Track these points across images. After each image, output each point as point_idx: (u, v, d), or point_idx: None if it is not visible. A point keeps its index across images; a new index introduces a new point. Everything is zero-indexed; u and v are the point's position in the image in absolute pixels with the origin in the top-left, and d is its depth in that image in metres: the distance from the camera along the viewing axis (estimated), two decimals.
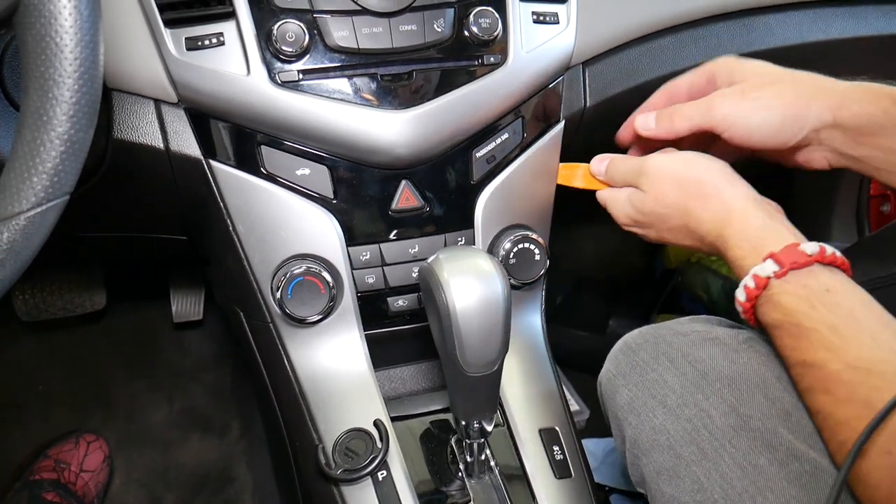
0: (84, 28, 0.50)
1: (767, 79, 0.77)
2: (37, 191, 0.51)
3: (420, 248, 0.82)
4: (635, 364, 0.77)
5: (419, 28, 0.76)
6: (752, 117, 0.75)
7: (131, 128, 0.75)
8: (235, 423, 1.51)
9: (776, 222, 0.71)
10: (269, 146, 0.76)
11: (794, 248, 0.66)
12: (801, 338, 0.63)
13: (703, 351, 0.73)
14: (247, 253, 0.79)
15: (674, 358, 0.74)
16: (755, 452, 0.65)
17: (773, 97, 0.75)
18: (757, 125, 0.75)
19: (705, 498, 0.67)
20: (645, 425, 0.73)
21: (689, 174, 0.76)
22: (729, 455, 0.67)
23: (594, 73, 0.89)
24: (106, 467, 1.39)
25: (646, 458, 0.73)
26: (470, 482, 0.79)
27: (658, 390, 0.73)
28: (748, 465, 0.65)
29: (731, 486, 0.65)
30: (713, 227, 0.73)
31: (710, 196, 0.74)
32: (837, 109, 0.73)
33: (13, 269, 0.52)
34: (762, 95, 0.75)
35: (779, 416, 0.66)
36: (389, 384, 0.91)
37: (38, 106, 0.50)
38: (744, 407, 0.67)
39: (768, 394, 0.68)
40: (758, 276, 0.66)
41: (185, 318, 1.56)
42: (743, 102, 0.76)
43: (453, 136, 0.79)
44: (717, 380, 0.70)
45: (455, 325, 0.65)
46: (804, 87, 0.75)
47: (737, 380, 0.69)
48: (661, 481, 0.71)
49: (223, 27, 0.72)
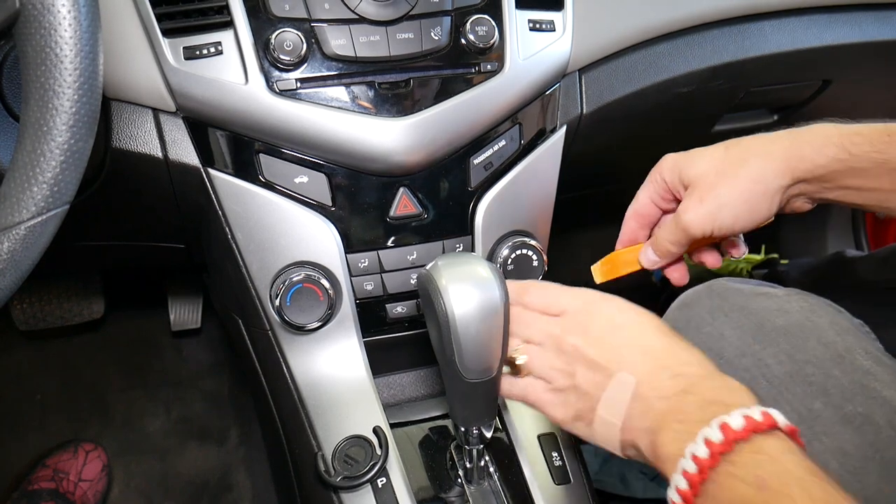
0: (84, 39, 0.51)
1: (713, 176, 0.75)
2: (37, 200, 0.51)
3: (418, 255, 0.82)
4: (691, 319, 0.78)
5: (416, 36, 0.76)
6: (722, 217, 0.75)
7: (130, 137, 0.75)
8: (234, 431, 1.51)
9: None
10: (267, 154, 0.76)
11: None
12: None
13: (757, 303, 0.75)
14: (245, 261, 0.79)
15: (729, 312, 0.76)
16: (811, 397, 0.67)
17: (729, 192, 0.74)
18: (731, 222, 0.75)
19: None
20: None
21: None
22: (786, 401, 0.68)
23: (591, 80, 0.89)
24: (104, 476, 1.38)
25: None
26: (469, 488, 0.79)
27: (714, 343, 0.75)
28: (805, 411, 0.66)
29: None
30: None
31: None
32: (792, 170, 0.73)
33: (13, 279, 0.52)
34: (719, 194, 0.74)
35: (832, 359, 0.68)
36: (388, 391, 0.91)
37: (38, 116, 0.51)
38: (799, 353, 0.69)
39: (821, 338, 0.69)
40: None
41: (183, 326, 1.56)
42: (704, 207, 0.75)
43: (451, 143, 0.80)
44: (772, 330, 0.72)
45: (454, 331, 0.65)
46: (753, 166, 0.74)
47: (791, 328, 0.71)
48: None
49: (221, 36, 0.72)
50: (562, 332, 0.71)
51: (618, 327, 0.70)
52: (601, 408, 0.67)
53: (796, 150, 0.72)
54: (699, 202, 0.75)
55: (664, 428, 0.60)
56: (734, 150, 0.75)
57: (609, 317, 0.71)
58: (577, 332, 0.70)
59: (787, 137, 0.73)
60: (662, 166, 0.80)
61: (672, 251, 0.79)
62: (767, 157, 0.73)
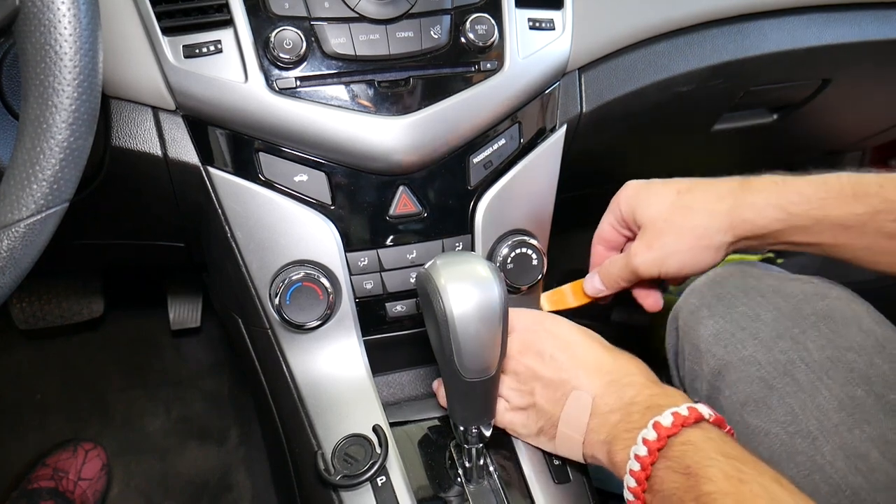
0: (83, 36, 0.51)
1: (661, 223, 0.78)
2: (36, 198, 0.51)
3: (418, 254, 0.82)
4: (721, 296, 0.79)
5: (416, 35, 0.76)
6: (668, 264, 0.78)
7: (129, 135, 0.75)
8: (234, 431, 1.51)
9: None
10: (266, 153, 0.76)
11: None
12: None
13: (794, 287, 0.76)
14: (245, 259, 0.79)
15: (765, 292, 0.77)
16: (852, 384, 0.68)
17: (675, 243, 0.77)
18: (677, 269, 0.78)
19: (799, 429, 0.69)
20: (732, 356, 0.75)
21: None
22: (825, 387, 0.69)
23: (590, 79, 0.89)
24: (104, 475, 1.38)
25: (730, 389, 0.75)
26: (469, 487, 0.79)
27: (748, 323, 0.76)
28: (845, 398, 0.67)
29: (828, 418, 0.68)
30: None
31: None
32: (735, 229, 0.75)
33: (13, 277, 0.52)
34: (666, 244, 0.78)
35: (873, 347, 0.69)
36: (388, 389, 0.91)
37: (38, 114, 0.51)
38: (840, 339, 0.70)
39: (861, 326, 0.70)
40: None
41: (182, 325, 1.56)
42: (652, 253, 0.78)
43: (450, 141, 0.80)
44: (812, 314, 0.73)
45: (452, 330, 0.65)
46: (698, 222, 0.76)
47: (831, 314, 0.72)
48: (745, 412, 0.74)
49: (221, 35, 0.72)
50: (514, 353, 0.76)
51: (567, 344, 0.75)
52: (562, 425, 0.73)
53: (738, 212, 0.75)
54: (648, 248, 0.79)
55: (616, 438, 0.66)
56: (685, 198, 0.77)
57: (557, 335, 0.76)
58: (530, 353, 0.76)
59: (731, 197, 0.76)
60: (620, 198, 0.83)
61: (620, 284, 0.83)
62: (712, 215, 0.76)
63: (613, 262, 0.83)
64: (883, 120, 1.34)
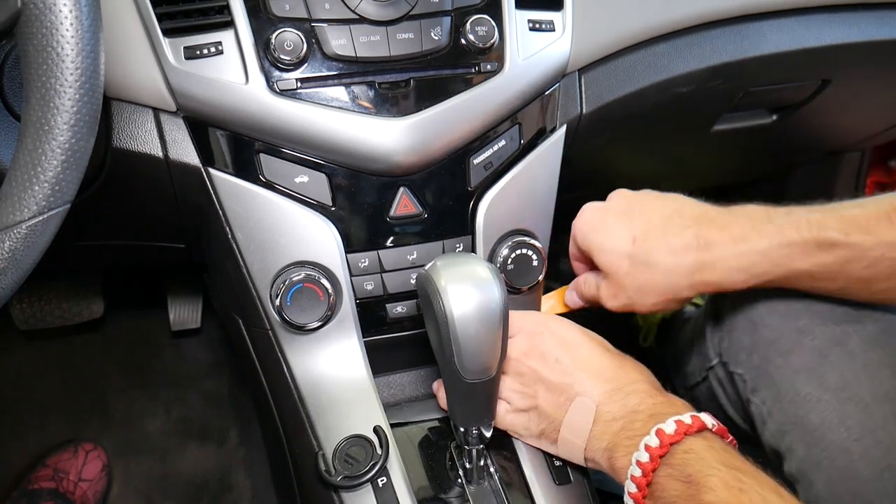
0: (85, 38, 0.51)
1: (622, 275, 0.78)
2: (38, 199, 0.51)
3: (418, 255, 0.82)
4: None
5: (416, 36, 0.76)
6: (638, 308, 0.79)
7: (130, 136, 0.75)
8: (234, 431, 1.51)
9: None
10: (267, 154, 0.76)
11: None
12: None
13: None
14: (246, 260, 0.79)
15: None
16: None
17: (640, 297, 0.78)
18: (648, 311, 0.79)
19: (850, 395, 0.72)
20: (787, 327, 0.77)
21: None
22: (878, 357, 0.71)
23: (590, 80, 0.89)
24: (104, 476, 1.38)
25: (782, 358, 0.77)
26: (469, 488, 0.79)
27: (804, 295, 0.77)
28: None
29: (880, 385, 0.70)
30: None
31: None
32: (698, 288, 0.76)
33: (15, 278, 0.52)
34: (630, 296, 0.79)
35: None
36: (388, 390, 0.91)
37: (40, 115, 0.51)
38: (894, 312, 0.72)
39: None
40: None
41: (182, 326, 1.56)
42: (619, 301, 0.80)
43: (451, 143, 0.80)
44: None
45: (453, 331, 0.65)
46: (659, 280, 0.76)
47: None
48: (797, 380, 0.76)
49: (222, 36, 0.73)
50: (518, 354, 0.76)
51: (571, 346, 0.75)
52: (564, 430, 0.73)
53: (700, 275, 0.74)
54: (614, 297, 0.80)
55: (618, 445, 0.67)
56: (641, 249, 0.76)
57: (561, 337, 0.77)
58: (535, 355, 0.76)
59: (689, 256, 0.74)
60: (575, 227, 0.83)
61: (595, 304, 0.85)
62: (673, 274, 0.75)
63: (588, 284, 0.84)
64: (883, 120, 1.34)
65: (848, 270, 0.69)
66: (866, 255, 0.68)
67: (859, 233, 0.68)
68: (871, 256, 0.68)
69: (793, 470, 0.76)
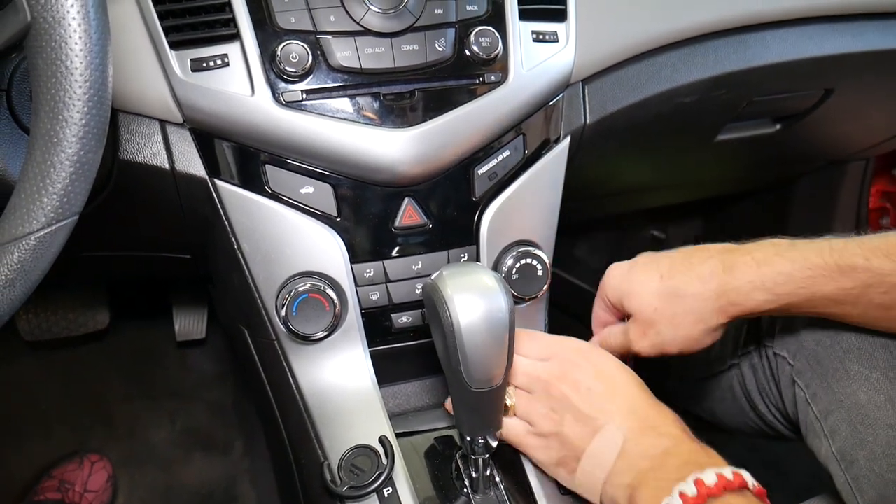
0: (94, 51, 0.51)
1: (651, 312, 0.78)
2: (47, 211, 0.52)
3: (423, 265, 0.83)
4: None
5: (421, 48, 0.77)
6: (666, 348, 0.79)
7: (137, 148, 0.75)
8: (239, 442, 1.51)
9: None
10: (273, 165, 0.77)
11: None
12: None
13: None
14: (252, 271, 0.79)
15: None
16: None
17: (670, 330, 0.78)
18: (677, 350, 0.79)
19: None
20: None
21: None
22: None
23: (594, 91, 0.89)
24: (109, 487, 1.38)
25: (831, 339, 0.79)
26: (475, 498, 0.79)
27: None
28: None
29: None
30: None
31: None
32: (727, 312, 0.75)
33: (23, 289, 0.52)
34: (660, 332, 0.78)
35: None
36: (394, 400, 0.91)
37: (49, 128, 0.51)
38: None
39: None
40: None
41: (187, 336, 1.57)
42: (648, 340, 0.79)
43: (455, 153, 0.80)
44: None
45: (459, 341, 0.65)
46: (689, 307, 0.76)
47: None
48: (847, 359, 0.78)
49: (228, 48, 0.73)
50: (551, 378, 0.76)
51: (606, 378, 0.74)
52: (586, 461, 0.71)
53: (726, 297, 0.75)
54: (643, 336, 0.79)
55: (643, 484, 0.65)
56: (669, 283, 0.77)
57: (599, 368, 0.76)
58: (567, 381, 0.75)
59: (715, 280, 0.75)
60: (605, 285, 0.83)
61: (621, 354, 0.83)
62: (703, 299, 0.76)
63: (614, 335, 0.84)
64: (886, 129, 1.35)
65: (869, 295, 0.70)
66: (885, 280, 0.68)
67: (881, 258, 0.68)
68: (889, 282, 0.68)
69: (834, 451, 0.77)
